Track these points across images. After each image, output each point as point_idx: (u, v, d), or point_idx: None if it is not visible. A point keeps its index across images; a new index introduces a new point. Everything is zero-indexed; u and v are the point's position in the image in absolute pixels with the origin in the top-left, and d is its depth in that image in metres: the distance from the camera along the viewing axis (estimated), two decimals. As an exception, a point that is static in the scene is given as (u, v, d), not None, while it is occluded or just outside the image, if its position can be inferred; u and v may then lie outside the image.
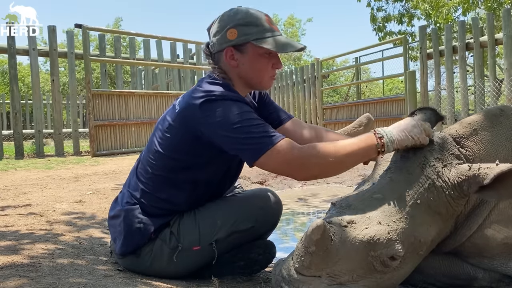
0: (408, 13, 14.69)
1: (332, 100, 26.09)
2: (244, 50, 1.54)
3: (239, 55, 1.55)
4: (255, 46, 1.52)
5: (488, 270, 1.58)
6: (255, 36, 1.51)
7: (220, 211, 1.65)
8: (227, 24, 1.53)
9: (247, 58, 1.55)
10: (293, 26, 32.21)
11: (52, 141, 9.63)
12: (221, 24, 1.56)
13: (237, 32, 1.51)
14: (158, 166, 1.60)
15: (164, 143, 1.59)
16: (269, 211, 1.74)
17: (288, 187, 4.84)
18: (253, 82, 1.62)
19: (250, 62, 1.55)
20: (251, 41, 1.51)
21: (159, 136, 1.61)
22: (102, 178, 4.55)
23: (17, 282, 1.34)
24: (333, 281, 1.27)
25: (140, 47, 18.92)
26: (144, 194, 1.62)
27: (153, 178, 1.62)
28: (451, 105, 8.48)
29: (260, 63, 1.56)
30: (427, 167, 1.42)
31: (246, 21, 1.52)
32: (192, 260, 1.62)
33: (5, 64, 22.38)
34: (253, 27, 1.52)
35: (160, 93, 8.73)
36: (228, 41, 1.53)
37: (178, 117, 1.54)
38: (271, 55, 1.57)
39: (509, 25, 7.27)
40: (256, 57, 1.55)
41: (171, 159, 1.58)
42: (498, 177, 1.28)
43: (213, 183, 1.68)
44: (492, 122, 1.59)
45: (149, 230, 1.59)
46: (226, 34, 1.53)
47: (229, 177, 1.74)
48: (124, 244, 1.61)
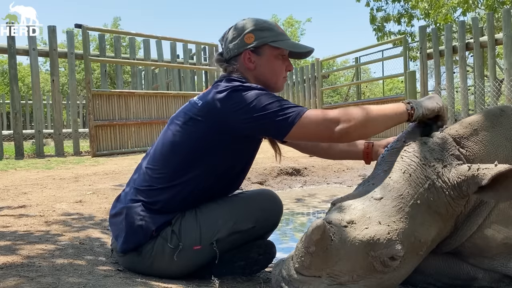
0: (407, 13, 14.69)
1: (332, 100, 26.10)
2: (261, 52, 1.67)
3: (256, 58, 1.67)
4: (271, 48, 1.66)
5: (488, 270, 1.58)
6: (271, 38, 1.66)
7: (221, 211, 1.66)
8: (244, 30, 1.67)
9: (264, 60, 1.67)
10: (292, 26, 32.21)
11: (52, 141, 9.63)
12: (237, 31, 1.68)
13: (254, 36, 1.65)
14: (170, 160, 1.62)
15: (183, 135, 1.61)
16: (270, 212, 1.75)
17: (288, 187, 4.84)
18: (269, 83, 1.71)
19: (267, 64, 1.68)
20: (268, 43, 1.65)
21: (176, 130, 1.64)
22: (102, 178, 4.55)
23: (17, 282, 1.33)
24: (333, 281, 1.27)
25: (140, 47, 18.92)
26: (150, 191, 1.62)
27: (162, 173, 1.62)
28: (451, 105, 8.49)
29: (276, 64, 1.69)
30: (427, 167, 1.42)
31: (261, 27, 1.67)
32: (193, 259, 1.62)
33: (5, 64, 22.40)
34: (268, 32, 1.67)
35: (160, 93, 8.72)
36: (246, 44, 1.66)
37: (203, 110, 1.59)
38: (284, 58, 1.71)
39: (509, 25, 7.27)
40: (272, 59, 1.68)
41: (187, 150, 1.60)
42: (497, 178, 1.28)
43: (223, 181, 1.69)
44: (493, 122, 1.59)
45: (150, 227, 1.59)
46: (243, 38, 1.66)
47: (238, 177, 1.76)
48: (125, 241, 1.61)
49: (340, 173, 5.33)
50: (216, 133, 1.57)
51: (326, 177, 5.22)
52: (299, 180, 5.09)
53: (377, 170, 1.54)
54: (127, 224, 1.61)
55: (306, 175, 5.25)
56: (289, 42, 1.69)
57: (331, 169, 5.45)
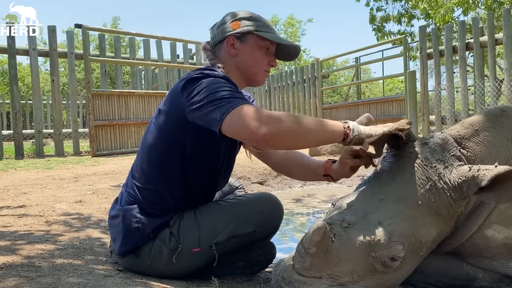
0: (407, 13, 14.68)
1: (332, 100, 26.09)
2: (245, 39, 1.63)
3: (240, 44, 1.64)
4: (256, 37, 1.63)
5: (488, 270, 1.58)
6: (257, 28, 1.63)
7: (221, 214, 1.65)
8: (231, 18, 1.66)
9: (247, 47, 1.63)
10: (293, 26, 32.18)
11: (52, 141, 9.62)
12: (224, 19, 1.68)
13: (240, 24, 1.64)
14: (150, 160, 1.61)
15: (156, 131, 1.60)
16: (271, 216, 1.75)
17: (288, 187, 4.84)
18: (249, 73, 1.67)
19: (250, 51, 1.64)
20: (253, 32, 1.62)
21: (152, 128, 1.63)
22: (102, 178, 4.55)
23: (17, 282, 1.33)
24: (333, 282, 1.27)
25: (140, 47, 18.90)
26: (140, 192, 1.62)
27: (146, 174, 1.62)
28: (451, 105, 8.48)
29: (258, 54, 1.65)
30: (428, 168, 1.41)
31: (249, 17, 1.66)
32: (192, 262, 1.62)
33: (5, 64, 22.36)
34: (256, 22, 1.65)
35: (160, 93, 8.72)
36: (231, 30, 1.64)
37: (167, 101, 1.58)
38: (268, 52, 1.67)
39: (509, 25, 7.26)
40: (255, 48, 1.64)
41: (162, 148, 1.58)
42: (497, 179, 1.28)
43: (203, 178, 1.66)
44: (493, 122, 1.59)
45: (147, 229, 1.59)
46: (229, 25, 1.64)
47: (219, 173, 1.71)
48: (123, 244, 1.61)
49: (340, 173, 5.32)
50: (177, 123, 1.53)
51: (326, 177, 5.21)
52: (299, 180, 5.09)
53: (377, 171, 1.53)
54: (124, 227, 1.61)
55: (306, 175, 5.24)
56: (275, 35, 1.66)
57: (331, 169, 5.44)
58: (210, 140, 1.56)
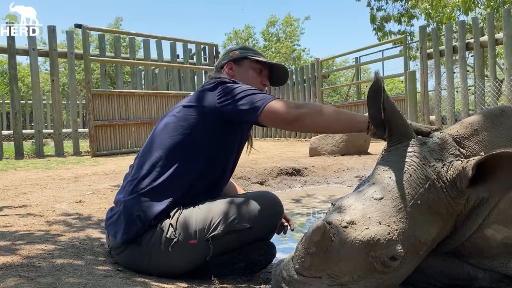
0: (407, 13, 14.69)
1: (332, 100, 26.10)
2: (241, 63, 2.01)
3: (236, 67, 2.00)
4: (250, 61, 2.00)
5: (488, 270, 1.58)
6: (251, 54, 2.01)
7: (218, 209, 1.69)
8: (231, 50, 2.06)
9: (242, 69, 2.00)
10: (292, 25, 32.17)
11: (52, 141, 9.63)
12: (226, 51, 2.08)
13: (237, 52, 2.03)
14: (170, 151, 1.72)
15: (176, 123, 1.76)
16: (269, 214, 1.76)
17: (288, 187, 4.84)
18: None
19: (244, 72, 1.99)
20: (248, 56, 2.00)
21: (171, 120, 1.79)
22: (102, 178, 4.55)
23: (17, 282, 1.33)
24: (333, 281, 1.27)
25: (140, 47, 18.91)
26: (146, 181, 1.70)
27: (154, 163, 1.72)
28: (451, 105, 8.49)
29: (253, 74, 2.00)
30: (427, 167, 1.41)
31: (245, 48, 2.06)
32: (188, 253, 1.65)
33: (5, 64, 22.39)
34: (250, 51, 2.05)
35: (160, 93, 8.73)
36: (230, 57, 2.02)
37: (194, 98, 1.80)
38: (261, 74, 2.02)
39: (509, 25, 7.27)
40: (249, 70, 2.00)
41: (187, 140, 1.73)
42: (486, 171, 1.27)
43: (212, 172, 1.79)
44: (493, 122, 1.59)
45: (148, 216, 1.65)
46: (229, 54, 2.04)
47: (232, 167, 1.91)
48: (126, 232, 1.66)
49: (340, 173, 5.33)
50: (201, 116, 1.74)
51: (326, 177, 5.22)
52: (299, 180, 5.09)
53: (377, 170, 1.53)
54: (126, 216, 1.67)
55: (306, 175, 5.25)
56: (266, 61, 2.01)
57: (331, 169, 5.45)
58: (230, 133, 1.80)
